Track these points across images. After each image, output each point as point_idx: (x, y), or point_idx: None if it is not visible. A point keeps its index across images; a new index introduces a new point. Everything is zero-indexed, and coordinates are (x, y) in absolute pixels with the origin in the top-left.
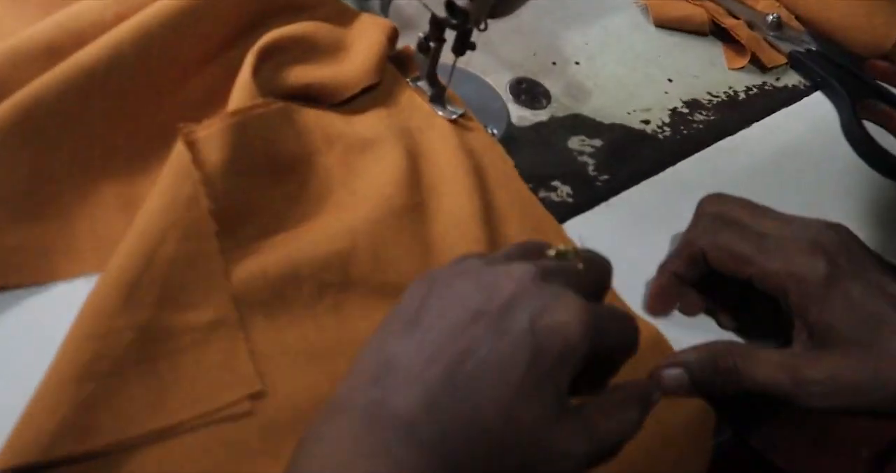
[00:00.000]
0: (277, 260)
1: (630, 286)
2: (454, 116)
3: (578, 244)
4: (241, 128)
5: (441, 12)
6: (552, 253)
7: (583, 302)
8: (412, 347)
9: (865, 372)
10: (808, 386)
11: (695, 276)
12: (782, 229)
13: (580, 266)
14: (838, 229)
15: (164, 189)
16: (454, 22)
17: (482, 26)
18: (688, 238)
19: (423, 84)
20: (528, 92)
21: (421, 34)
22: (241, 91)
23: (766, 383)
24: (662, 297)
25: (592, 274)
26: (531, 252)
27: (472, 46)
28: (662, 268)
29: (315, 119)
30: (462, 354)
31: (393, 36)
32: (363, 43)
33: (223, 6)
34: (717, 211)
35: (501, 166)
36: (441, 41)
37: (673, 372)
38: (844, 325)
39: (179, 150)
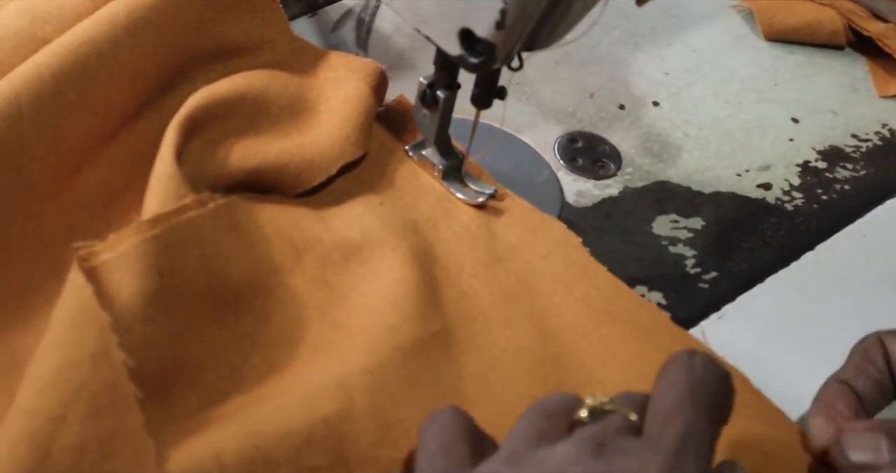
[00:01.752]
0: (236, 439)
1: None
2: (482, 199)
3: (703, 341)
4: (165, 243)
5: (453, 47)
6: (584, 414)
7: None
8: None
9: None
10: None
11: (876, 392)
12: None
13: (633, 417)
14: None
15: (57, 342)
16: (473, 61)
17: (515, 64)
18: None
19: (429, 152)
20: (587, 153)
21: (422, 79)
22: (161, 185)
23: None
24: (831, 414)
25: None
26: (557, 417)
27: (502, 94)
28: (827, 382)
29: (273, 219)
30: None
31: (379, 83)
32: (336, 98)
33: (121, 59)
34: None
35: (571, 260)
36: (454, 88)
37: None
38: None
39: (76, 283)
